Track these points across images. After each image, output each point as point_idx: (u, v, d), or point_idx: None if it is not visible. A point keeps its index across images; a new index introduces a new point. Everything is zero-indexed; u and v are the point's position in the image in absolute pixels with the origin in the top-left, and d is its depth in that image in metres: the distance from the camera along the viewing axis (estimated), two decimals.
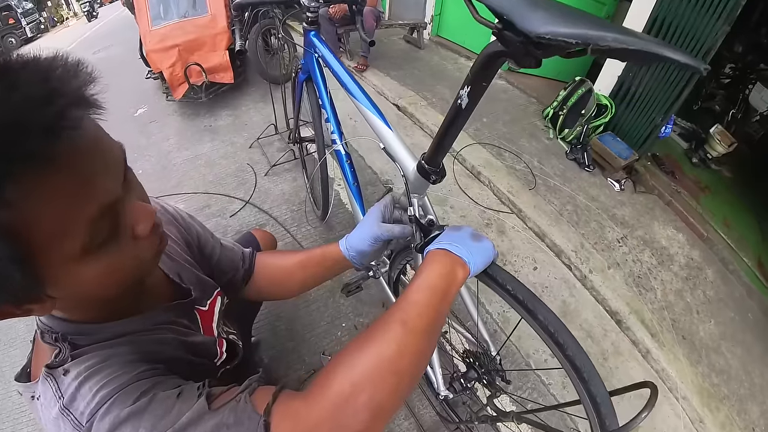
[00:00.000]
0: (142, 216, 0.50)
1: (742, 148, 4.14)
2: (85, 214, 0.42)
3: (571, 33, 0.37)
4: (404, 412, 1.62)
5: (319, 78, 1.52)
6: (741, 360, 2.22)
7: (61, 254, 0.42)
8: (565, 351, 0.65)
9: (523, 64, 0.47)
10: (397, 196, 0.93)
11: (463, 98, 0.60)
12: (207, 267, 0.90)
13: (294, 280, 0.98)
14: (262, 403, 0.52)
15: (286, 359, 1.77)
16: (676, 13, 2.64)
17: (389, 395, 0.52)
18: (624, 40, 0.36)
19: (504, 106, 3.83)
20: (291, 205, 2.59)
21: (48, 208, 0.39)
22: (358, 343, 0.56)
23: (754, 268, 2.86)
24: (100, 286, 0.49)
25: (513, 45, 0.46)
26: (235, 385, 0.57)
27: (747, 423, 1.95)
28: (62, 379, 0.51)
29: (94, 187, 0.43)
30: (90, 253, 0.44)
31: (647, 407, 0.56)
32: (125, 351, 0.56)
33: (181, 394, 0.51)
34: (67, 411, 0.48)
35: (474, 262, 0.67)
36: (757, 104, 4.52)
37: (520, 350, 1.89)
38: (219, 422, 0.49)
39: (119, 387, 0.49)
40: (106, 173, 0.45)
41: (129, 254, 0.50)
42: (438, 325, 0.61)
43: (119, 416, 0.47)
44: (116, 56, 6.05)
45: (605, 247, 2.49)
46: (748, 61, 4.49)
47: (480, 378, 1.05)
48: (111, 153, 0.47)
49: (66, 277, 0.44)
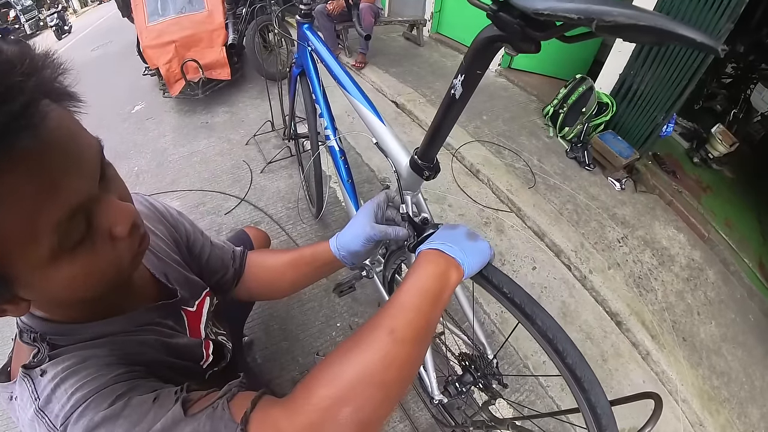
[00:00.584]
0: (120, 216, 0.47)
1: (744, 148, 4.12)
2: (52, 217, 0.39)
3: (573, 8, 0.33)
4: (399, 415, 1.59)
5: (313, 72, 1.49)
6: (742, 362, 2.19)
7: (29, 258, 0.40)
8: (564, 359, 0.61)
9: (521, 48, 0.44)
10: (392, 194, 0.89)
11: (456, 88, 0.56)
12: (196, 266, 0.88)
13: (285, 280, 0.95)
14: (240, 411, 0.49)
15: (280, 360, 1.74)
16: (678, 9, 2.62)
17: (374, 408, 0.49)
18: (633, 15, 0.32)
19: (504, 103, 3.81)
20: (286, 202, 2.57)
21: (9, 212, 0.36)
22: (343, 350, 0.53)
23: (756, 269, 2.84)
24: (76, 288, 0.46)
25: (510, 27, 0.42)
26: (215, 390, 0.55)
27: (747, 426, 1.93)
28: (39, 380, 0.49)
29: (60, 188, 0.40)
30: (61, 256, 0.42)
31: (652, 420, 0.53)
32: (104, 353, 0.54)
33: (158, 398, 0.50)
34: (42, 413, 0.47)
35: (468, 263, 0.64)
36: (758, 104, 4.51)
37: (518, 351, 1.86)
38: (194, 429, 0.47)
39: (95, 390, 0.48)
40: (78, 173, 0.42)
41: (106, 256, 0.47)
42: (429, 332, 0.58)
43: (93, 420, 0.45)
44: (114, 53, 6.06)
45: (605, 247, 2.46)
46: (750, 60, 4.48)
47: (476, 382, 1.02)
48: (83, 149, 0.44)
49: (37, 280, 0.42)
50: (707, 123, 3.90)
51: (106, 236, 0.47)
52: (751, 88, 4.50)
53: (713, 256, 2.77)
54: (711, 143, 3.64)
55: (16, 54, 0.37)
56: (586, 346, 1.99)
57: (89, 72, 5.21)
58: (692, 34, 0.33)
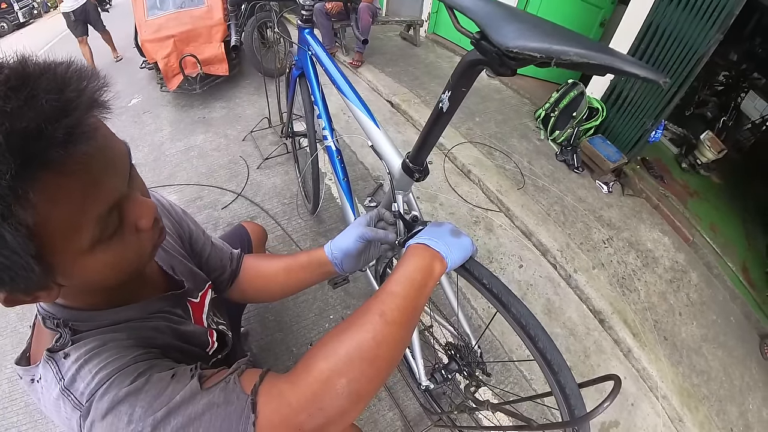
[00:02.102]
0: (144, 210, 0.53)
1: (732, 155, 4.21)
2: (95, 212, 0.45)
3: (537, 47, 0.40)
4: (389, 403, 1.66)
5: (312, 76, 1.54)
6: (722, 362, 2.28)
7: (73, 248, 0.45)
8: (536, 343, 0.68)
9: (500, 72, 0.50)
10: (383, 211, 0.96)
11: (444, 102, 0.63)
12: (196, 264, 0.92)
13: (277, 284, 1.00)
14: (250, 384, 0.55)
15: (275, 350, 1.80)
16: (670, 19, 2.69)
17: (366, 381, 0.56)
18: (585, 55, 0.39)
19: (497, 106, 3.88)
20: (282, 198, 2.62)
21: (64, 208, 0.42)
22: (339, 330, 0.60)
23: (739, 273, 2.92)
24: (105, 275, 0.52)
25: (490, 55, 0.49)
26: (225, 368, 0.60)
27: (726, 423, 2.01)
28: (63, 362, 0.53)
29: (103, 187, 0.46)
30: (98, 246, 0.48)
31: (610, 397, 0.60)
32: (122, 336, 0.59)
33: (175, 375, 0.55)
34: (67, 392, 0.51)
35: (451, 257, 0.71)
36: (749, 112, 4.60)
37: (503, 345, 1.94)
38: (210, 401, 0.52)
39: (118, 369, 0.52)
40: (114, 173, 0.49)
41: (132, 246, 0.53)
42: (415, 316, 0.65)
43: (118, 395, 0.50)
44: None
45: (591, 248, 2.54)
46: (742, 69, 4.56)
47: (460, 369, 1.09)
48: (118, 153, 0.50)
49: (75, 267, 0.48)
50: (698, 129, 3.97)
51: (133, 228, 0.53)
52: (741, 96, 4.58)
53: (697, 259, 2.85)
54: (699, 149, 3.72)
55: (67, 70, 0.43)
56: (569, 342, 2.07)
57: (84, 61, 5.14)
58: (636, 70, 0.40)
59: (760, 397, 2.26)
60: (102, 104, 0.45)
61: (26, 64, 0.41)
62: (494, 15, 0.46)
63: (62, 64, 0.43)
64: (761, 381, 2.36)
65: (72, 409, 0.51)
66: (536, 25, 0.45)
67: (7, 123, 0.36)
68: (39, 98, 0.38)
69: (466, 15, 0.51)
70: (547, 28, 0.45)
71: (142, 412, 0.49)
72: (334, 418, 0.54)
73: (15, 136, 0.36)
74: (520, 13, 0.49)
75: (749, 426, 2.09)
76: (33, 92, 0.38)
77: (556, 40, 0.41)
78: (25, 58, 0.41)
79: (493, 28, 0.45)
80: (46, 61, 0.43)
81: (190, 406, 0.51)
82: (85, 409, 0.50)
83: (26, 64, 0.40)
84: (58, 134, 0.38)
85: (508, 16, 0.46)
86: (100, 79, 0.46)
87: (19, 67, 0.40)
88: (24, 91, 0.38)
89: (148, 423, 0.49)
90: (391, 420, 1.63)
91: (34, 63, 0.41)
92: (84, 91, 0.42)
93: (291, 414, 0.53)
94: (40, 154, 0.38)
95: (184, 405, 0.51)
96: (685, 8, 2.58)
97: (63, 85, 0.40)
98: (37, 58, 0.43)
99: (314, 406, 0.53)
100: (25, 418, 1.61)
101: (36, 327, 0.63)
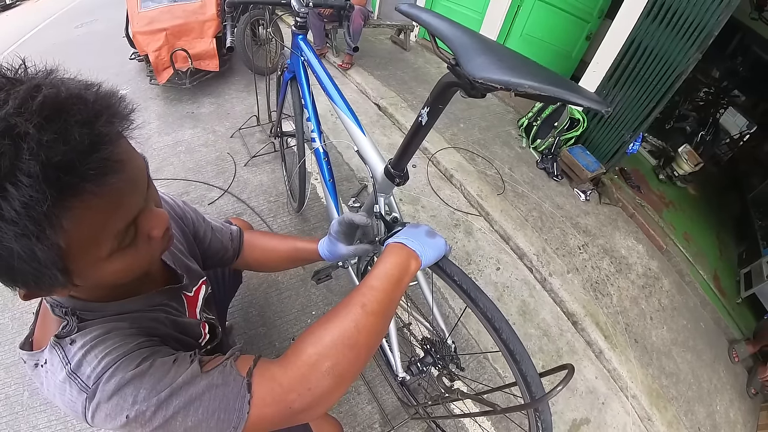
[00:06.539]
0: (157, 222, 0.59)
1: (709, 168, 4.36)
2: (116, 228, 0.50)
3: (498, 80, 0.48)
4: (367, 397, 1.73)
5: (304, 80, 1.59)
6: (691, 365, 2.39)
7: (91, 258, 0.50)
8: (500, 335, 0.76)
9: (471, 94, 0.58)
10: (349, 216, 1.05)
11: (423, 116, 0.71)
12: (201, 249, 1.01)
13: (276, 255, 1.13)
14: (245, 368, 0.62)
15: (258, 344, 1.84)
16: (652, 36, 2.80)
17: (349, 364, 0.63)
18: (538, 87, 0.47)
19: (482, 113, 3.96)
20: (268, 196, 2.65)
21: (89, 227, 0.46)
22: (325, 320, 0.67)
23: (710, 281, 3.05)
24: (118, 276, 0.56)
25: (463, 79, 0.56)
26: (220, 354, 0.66)
27: (693, 423, 2.12)
28: (69, 347, 0.58)
29: (123, 206, 0.51)
30: (114, 255, 0.52)
31: (563, 382, 0.67)
32: (126, 326, 0.64)
33: (177, 360, 0.60)
34: (74, 375, 0.55)
35: (426, 256, 0.78)
36: (729, 127, 4.76)
37: (479, 343, 2.02)
38: (210, 382, 0.58)
39: (122, 354, 0.57)
40: (134, 190, 0.53)
41: (144, 252, 0.58)
42: (392, 308, 0.72)
43: (124, 378, 0.55)
44: (99, 32, 5.80)
45: (566, 253, 2.63)
46: (723, 86, 4.72)
47: (435, 362, 1.17)
48: (139, 171, 0.54)
49: (92, 272, 0.52)
50: (677, 142, 4.11)
51: (146, 237, 0.58)
52: (720, 112, 4.74)
53: (670, 266, 2.97)
54: (677, 162, 3.86)
55: (98, 98, 0.46)
56: (542, 343, 2.16)
57: (71, 51, 4.98)
58: (582, 101, 0.48)
59: (728, 399, 2.37)
60: (128, 128, 0.50)
61: (59, 90, 0.43)
62: (468, 46, 0.53)
63: (91, 88, 0.46)
64: (729, 384, 2.47)
65: (78, 391, 0.55)
66: (503, 59, 0.52)
67: (43, 154, 0.39)
68: (72, 132, 0.41)
69: (444, 42, 0.58)
70: (514, 62, 0.52)
71: (146, 393, 0.54)
72: (320, 397, 0.61)
73: (50, 169, 0.39)
74: (492, 46, 0.56)
75: (716, 426, 2.20)
76: (66, 125, 0.41)
77: (517, 73, 0.48)
78: (59, 83, 0.44)
79: (466, 58, 0.52)
80: (77, 84, 0.46)
81: (192, 387, 0.57)
82: (92, 392, 0.54)
83: (59, 90, 0.43)
84: (91, 168, 0.42)
85: (480, 48, 0.53)
86: (127, 111, 0.50)
87: (53, 92, 0.42)
88: (58, 123, 0.40)
89: (153, 403, 0.54)
90: (369, 413, 1.70)
91: (66, 88, 0.43)
92: (113, 123, 0.46)
93: (282, 393, 0.60)
94: (74, 186, 0.42)
95: (185, 386, 0.57)
96: (667, 26, 2.69)
97: (94, 118, 0.44)
98: (69, 78, 0.46)
99: (303, 386, 0.60)
100: (5, 410, 1.60)
101: (41, 314, 0.68)
